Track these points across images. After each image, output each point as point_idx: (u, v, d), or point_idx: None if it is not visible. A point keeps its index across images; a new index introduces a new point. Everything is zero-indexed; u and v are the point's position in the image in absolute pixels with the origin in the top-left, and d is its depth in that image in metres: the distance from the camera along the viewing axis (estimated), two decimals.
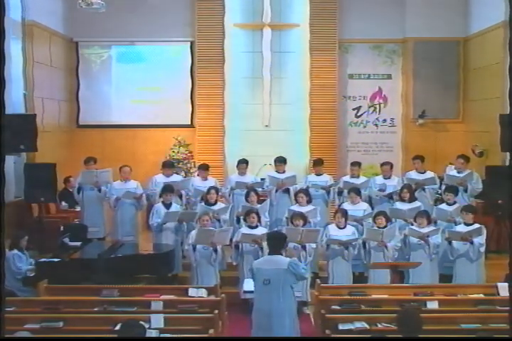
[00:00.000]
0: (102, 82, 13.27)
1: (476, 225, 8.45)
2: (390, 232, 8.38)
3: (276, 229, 9.43)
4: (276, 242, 6.28)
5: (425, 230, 8.40)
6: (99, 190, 10.00)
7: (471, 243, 8.29)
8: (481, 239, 8.35)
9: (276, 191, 10.07)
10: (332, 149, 12.91)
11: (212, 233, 8.26)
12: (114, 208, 9.91)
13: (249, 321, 6.28)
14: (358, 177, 10.23)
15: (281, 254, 6.23)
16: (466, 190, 9.73)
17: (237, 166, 10.42)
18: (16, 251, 7.89)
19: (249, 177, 10.36)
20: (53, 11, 12.29)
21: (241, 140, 12.97)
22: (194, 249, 8.28)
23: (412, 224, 8.70)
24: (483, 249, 8.37)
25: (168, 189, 9.36)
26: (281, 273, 5.99)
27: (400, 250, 8.47)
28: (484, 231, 8.43)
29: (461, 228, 8.52)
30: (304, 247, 8.27)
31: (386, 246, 8.31)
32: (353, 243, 8.39)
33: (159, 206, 9.31)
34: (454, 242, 8.37)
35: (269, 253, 6.27)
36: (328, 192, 10.12)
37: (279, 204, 9.99)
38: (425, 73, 13.04)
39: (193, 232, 8.42)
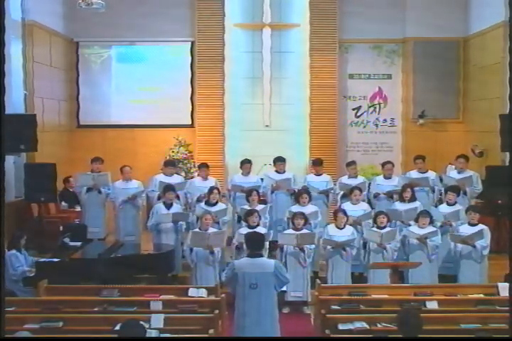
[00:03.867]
0: (102, 82, 13.26)
1: (480, 226, 8.43)
2: (390, 235, 8.36)
3: (276, 229, 9.43)
4: (255, 243, 6.29)
5: (425, 231, 8.39)
6: (99, 192, 10.00)
7: (473, 246, 8.28)
8: (484, 242, 8.31)
9: (272, 192, 10.04)
10: (332, 149, 12.89)
11: (206, 236, 8.21)
12: (119, 207, 9.90)
13: None
14: (356, 177, 10.18)
15: (262, 255, 6.28)
16: (465, 193, 9.69)
17: (240, 166, 10.33)
18: (14, 251, 7.87)
19: (253, 178, 10.28)
20: (53, 11, 12.29)
21: (241, 140, 12.96)
22: (191, 250, 8.27)
23: (410, 225, 8.69)
24: (485, 252, 8.33)
25: (169, 188, 9.32)
26: (268, 277, 6.04)
27: (399, 250, 8.46)
28: (488, 234, 8.40)
29: (465, 229, 8.49)
30: (302, 249, 8.28)
31: (385, 248, 8.31)
32: (351, 243, 8.37)
33: (160, 206, 9.27)
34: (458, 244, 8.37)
35: (250, 255, 6.24)
36: (328, 195, 10.07)
37: (278, 204, 9.95)
38: (425, 73, 13.03)
39: (188, 235, 8.40)
